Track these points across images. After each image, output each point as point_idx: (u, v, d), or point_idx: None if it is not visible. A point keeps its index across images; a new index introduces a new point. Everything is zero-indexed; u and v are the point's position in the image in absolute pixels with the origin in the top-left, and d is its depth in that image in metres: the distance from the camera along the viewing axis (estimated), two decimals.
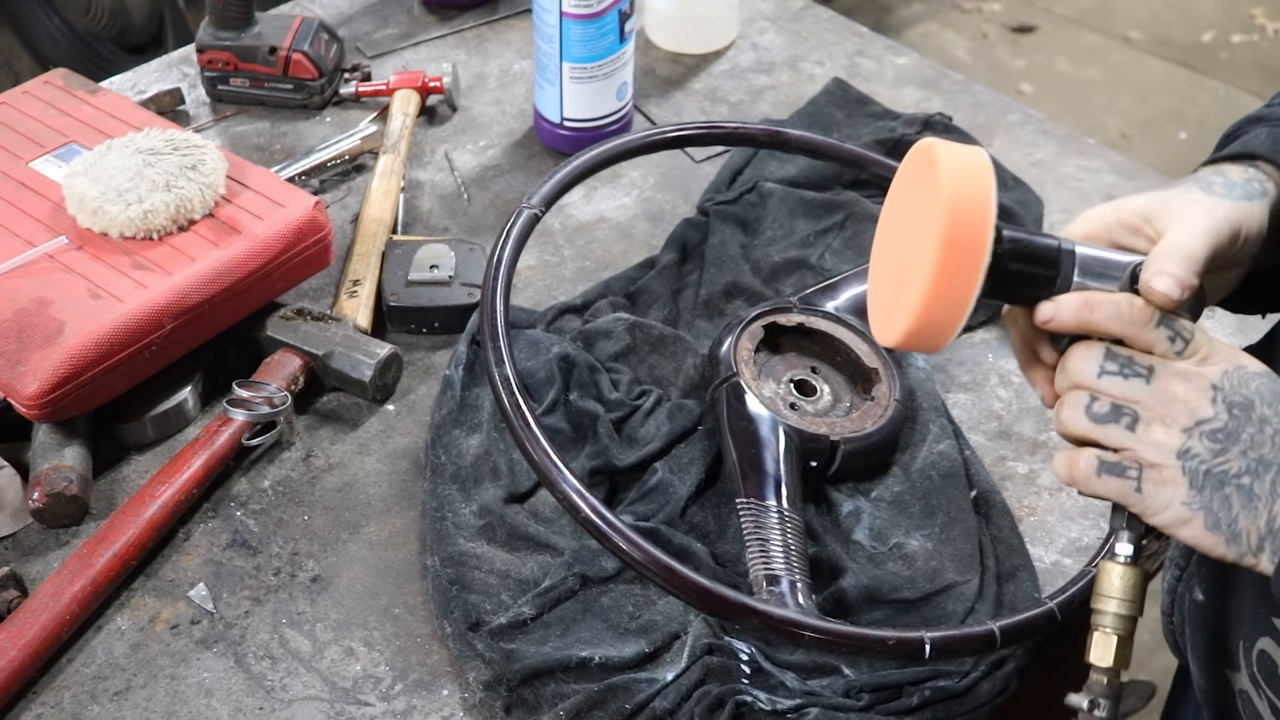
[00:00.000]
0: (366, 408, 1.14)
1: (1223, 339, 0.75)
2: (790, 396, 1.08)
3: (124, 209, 1.09)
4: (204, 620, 0.98)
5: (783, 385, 1.08)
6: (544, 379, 1.12)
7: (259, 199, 1.15)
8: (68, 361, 1.01)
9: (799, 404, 1.07)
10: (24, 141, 1.21)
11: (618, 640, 0.95)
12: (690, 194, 1.36)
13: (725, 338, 1.08)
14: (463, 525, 1.02)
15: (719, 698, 0.92)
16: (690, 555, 1.00)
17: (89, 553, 0.97)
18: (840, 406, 1.09)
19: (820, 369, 1.11)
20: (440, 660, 0.96)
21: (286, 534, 1.04)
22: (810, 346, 1.12)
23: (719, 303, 1.22)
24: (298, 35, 1.42)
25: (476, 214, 1.34)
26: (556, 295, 1.25)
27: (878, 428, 1.06)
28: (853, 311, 1.13)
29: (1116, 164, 1.42)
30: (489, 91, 1.49)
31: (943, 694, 0.92)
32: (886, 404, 1.07)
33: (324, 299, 1.23)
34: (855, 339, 1.11)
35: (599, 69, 1.33)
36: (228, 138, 1.41)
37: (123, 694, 0.94)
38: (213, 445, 1.05)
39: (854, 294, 1.14)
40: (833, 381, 1.11)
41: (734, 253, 1.25)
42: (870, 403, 1.07)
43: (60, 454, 1.03)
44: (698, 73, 1.54)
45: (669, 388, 1.13)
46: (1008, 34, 3.65)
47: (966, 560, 1.01)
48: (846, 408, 1.08)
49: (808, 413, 1.06)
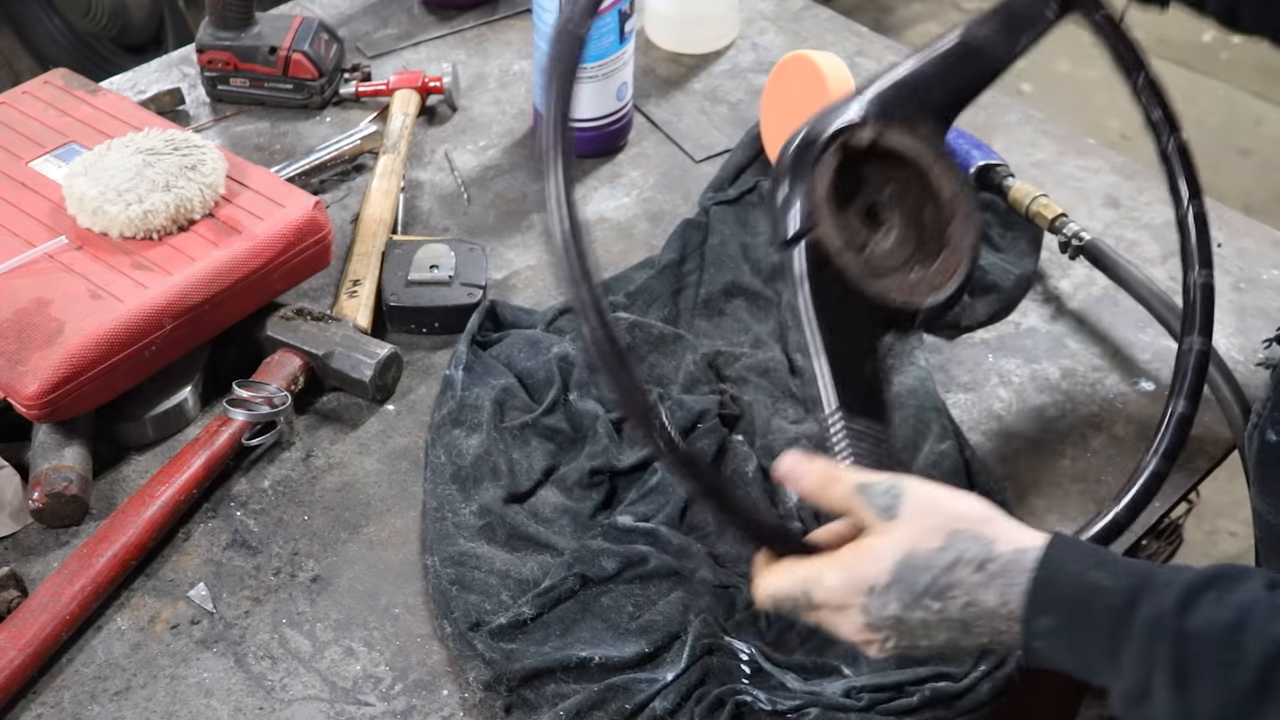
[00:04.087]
0: (366, 408, 1.14)
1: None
2: (860, 234, 0.88)
3: (124, 209, 1.09)
4: (204, 620, 0.98)
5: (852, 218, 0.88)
6: (544, 379, 1.12)
7: (259, 199, 1.15)
8: (68, 361, 1.01)
9: (868, 243, 0.88)
10: (24, 141, 1.21)
11: (618, 640, 0.95)
12: (690, 194, 1.36)
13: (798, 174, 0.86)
14: (463, 525, 1.02)
15: (719, 698, 0.92)
16: (690, 555, 1.00)
17: (89, 553, 0.97)
18: (906, 246, 0.90)
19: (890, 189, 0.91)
20: (440, 660, 0.96)
21: (286, 534, 1.04)
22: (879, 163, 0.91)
23: (719, 303, 1.22)
24: (298, 35, 1.42)
25: (476, 214, 1.34)
26: (556, 295, 1.25)
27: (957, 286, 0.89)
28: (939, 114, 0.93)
29: (1116, 164, 1.42)
30: (489, 91, 1.49)
31: (943, 694, 0.92)
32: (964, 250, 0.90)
33: (324, 299, 1.23)
34: (932, 158, 0.91)
35: (599, 69, 1.33)
36: (228, 138, 1.41)
37: (123, 694, 0.94)
38: (213, 445, 1.05)
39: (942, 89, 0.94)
40: (901, 207, 0.91)
41: (734, 253, 1.25)
42: (947, 251, 0.89)
43: (60, 454, 1.03)
44: (698, 73, 1.54)
45: (669, 386, 1.13)
46: None
47: None
48: (914, 246, 0.90)
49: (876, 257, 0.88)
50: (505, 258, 1.29)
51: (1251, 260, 1.31)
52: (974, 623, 0.75)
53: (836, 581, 0.77)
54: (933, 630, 0.76)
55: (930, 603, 0.75)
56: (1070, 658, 0.73)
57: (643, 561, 1.00)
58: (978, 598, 0.74)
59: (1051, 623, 0.72)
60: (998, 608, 0.74)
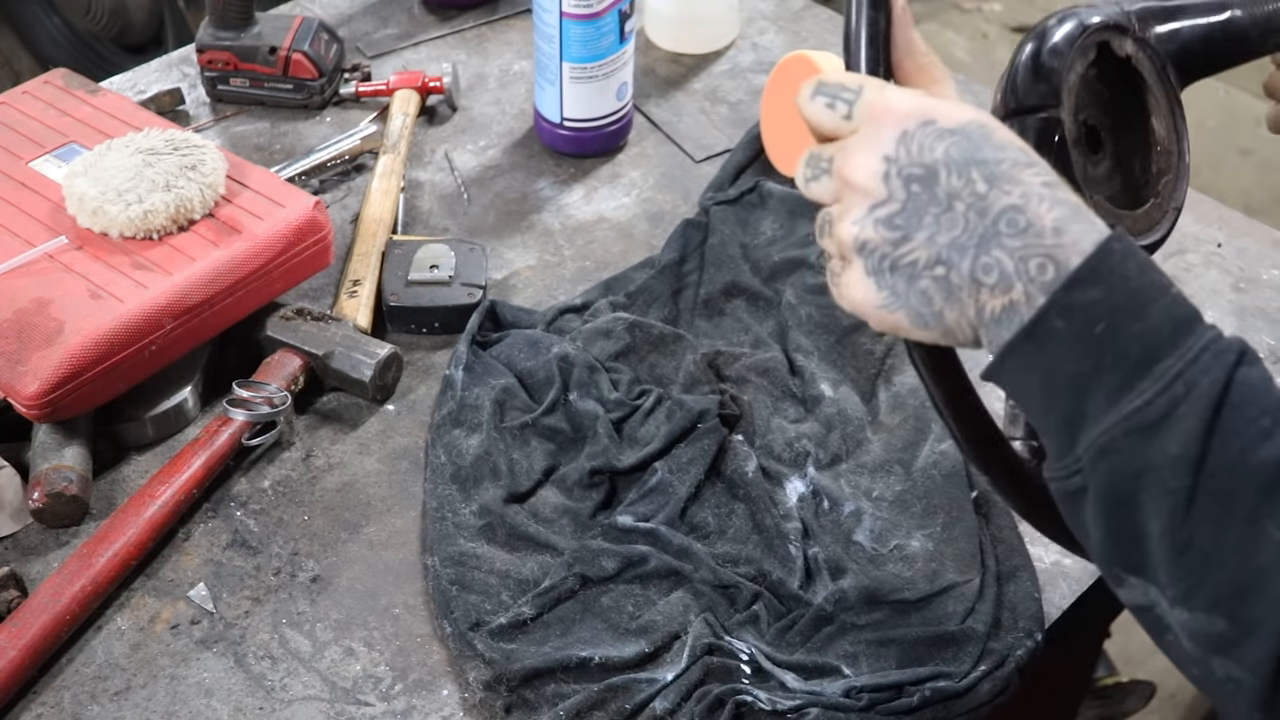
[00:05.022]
0: (366, 408, 1.14)
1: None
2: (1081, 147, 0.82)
3: (124, 209, 1.09)
4: (204, 620, 0.98)
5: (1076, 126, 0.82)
6: (544, 379, 1.12)
7: (259, 199, 1.15)
8: (68, 361, 1.01)
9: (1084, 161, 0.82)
10: (24, 141, 1.21)
11: (618, 640, 0.95)
12: (690, 194, 1.36)
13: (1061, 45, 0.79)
14: (463, 525, 1.02)
15: (719, 698, 0.92)
16: (690, 555, 1.00)
17: (89, 553, 0.97)
18: (1113, 182, 0.85)
19: (1110, 119, 0.84)
20: (440, 660, 0.96)
21: (286, 534, 1.04)
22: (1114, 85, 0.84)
23: (719, 302, 1.22)
24: (298, 35, 1.42)
25: (476, 214, 1.34)
26: (556, 295, 1.25)
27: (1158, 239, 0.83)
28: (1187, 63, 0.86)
29: None
30: (489, 91, 1.49)
31: (943, 694, 0.92)
32: (1168, 209, 0.84)
33: (324, 299, 1.23)
34: (1166, 105, 0.85)
35: (599, 69, 1.33)
36: (228, 138, 1.41)
37: (123, 694, 0.94)
38: (213, 445, 1.05)
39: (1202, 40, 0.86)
40: (1117, 142, 0.85)
41: (734, 253, 1.25)
42: (1154, 201, 0.83)
43: (60, 454, 1.03)
44: (698, 73, 1.54)
45: (670, 386, 1.13)
46: (1008, 34, 3.64)
47: (967, 560, 1.01)
48: (1120, 186, 0.84)
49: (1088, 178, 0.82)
50: (505, 258, 1.29)
51: (1251, 260, 1.31)
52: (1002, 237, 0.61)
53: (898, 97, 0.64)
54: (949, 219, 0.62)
55: (976, 176, 0.62)
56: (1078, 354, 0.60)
57: (643, 561, 1.00)
58: (1033, 208, 0.61)
59: (1097, 296, 0.59)
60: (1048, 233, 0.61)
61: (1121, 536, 0.61)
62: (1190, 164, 0.85)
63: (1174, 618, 0.60)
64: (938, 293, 0.64)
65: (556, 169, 1.39)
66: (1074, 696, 1.52)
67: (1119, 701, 1.86)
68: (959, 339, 0.66)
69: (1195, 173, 0.98)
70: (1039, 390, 0.62)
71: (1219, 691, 0.60)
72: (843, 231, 0.65)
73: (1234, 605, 0.58)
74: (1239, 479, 0.58)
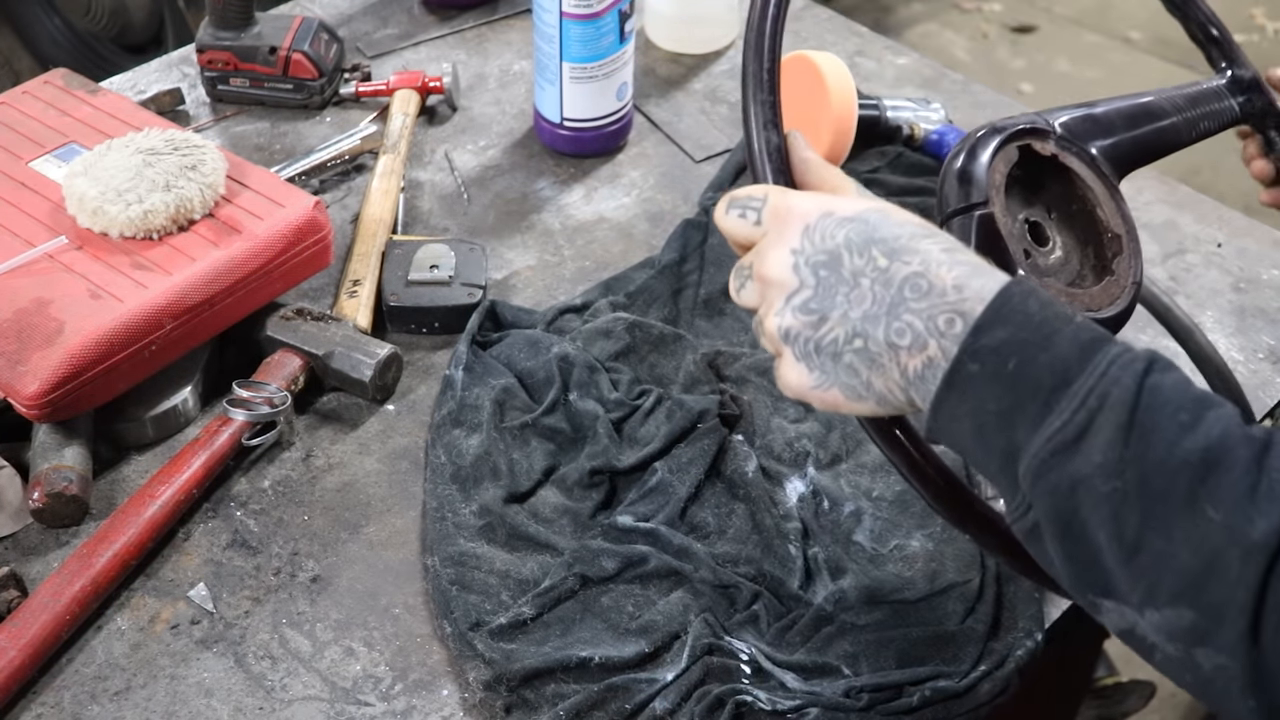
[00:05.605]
0: (366, 408, 1.14)
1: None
2: (1025, 241, 0.86)
3: (124, 209, 1.09)
4: (204, 620, 0.98)
5: (1016, 224, 0.86)
6: (544, 379, 1.12)
7: (259, 199, 1.15)
8: (68, 361, 1.01)
9: (1032, 253, 0.86)
10: (24, 141, 1.21)
11: (618, 640, 0.95)
12: (690, 194, 1.36)
13: (979, 151, 0.85)
14: (463, 525, 1.02)
15: (719, 698, 0.92)
16: (690, 555, 1.00)
17: (89, 553, 0.97)
18: (1069, 268, 0.89)
19: (1055, 215, 0.90)
20: (440, 660, 0.96)
21: (286, 534, 1.04)
22: (1051, 185, 0.90)
23: (719, 302, 1.22)
24: (298, 35, 1.42)
25: (476, 214, 1.34)
26: (556, 295, 1.25)
27: (1117, 312, 0.86)
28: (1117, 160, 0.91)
29: None
30: (489, 91, 1.49)
31: (943, 694, 0.92)
32: (1126, 284, 0.87)
33: (324, 299, 1.23)
34: (1106, 195, 0.89)
35: (599, 69, 1.33)
36: (228, 138, 1.41)
37: (123, 694, 0.94)
38: (213, 445, 1.05)
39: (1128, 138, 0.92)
40: (1065, 234, 0.89)
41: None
42: (1109, 279, 0.87)
43: (60, 454, 1.03)
44: (698, 73, 1.54)
45: (669, 386, 1.13)
46: (1008, 34, 3.65)
47: (967, 560, 1.01)
48: (1076, 272, 0.88)
49: (1039, 268, 0.86)
50: (505, 258, 1.29)
51: (1251, 260, 1.31)
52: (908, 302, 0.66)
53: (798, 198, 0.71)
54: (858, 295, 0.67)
55: (876, 253, 0.67)
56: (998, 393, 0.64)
57: (643, 561, 1.00)
58: (933, 271, 0.66)
59: (1004, 336, 0.64)
60: (949, 290, 0.65)
61: (1078, 558, 0.63)
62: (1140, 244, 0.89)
63: (1148, 624, 0.62)
64: (861, 364, 0.69)
65: (556, 169, 1.39)
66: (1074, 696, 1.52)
67: (1119, 701, 1.86)
68: (895, 404, 0.70)
69: (1195, 172, 0.99)
70: (971, 435, 0.66)
71: (1216, 689, 0.61)
72: (770, 325, 0.71)
73: (1195, 593, 0.59)
74: (1169, 473, 0.60)
